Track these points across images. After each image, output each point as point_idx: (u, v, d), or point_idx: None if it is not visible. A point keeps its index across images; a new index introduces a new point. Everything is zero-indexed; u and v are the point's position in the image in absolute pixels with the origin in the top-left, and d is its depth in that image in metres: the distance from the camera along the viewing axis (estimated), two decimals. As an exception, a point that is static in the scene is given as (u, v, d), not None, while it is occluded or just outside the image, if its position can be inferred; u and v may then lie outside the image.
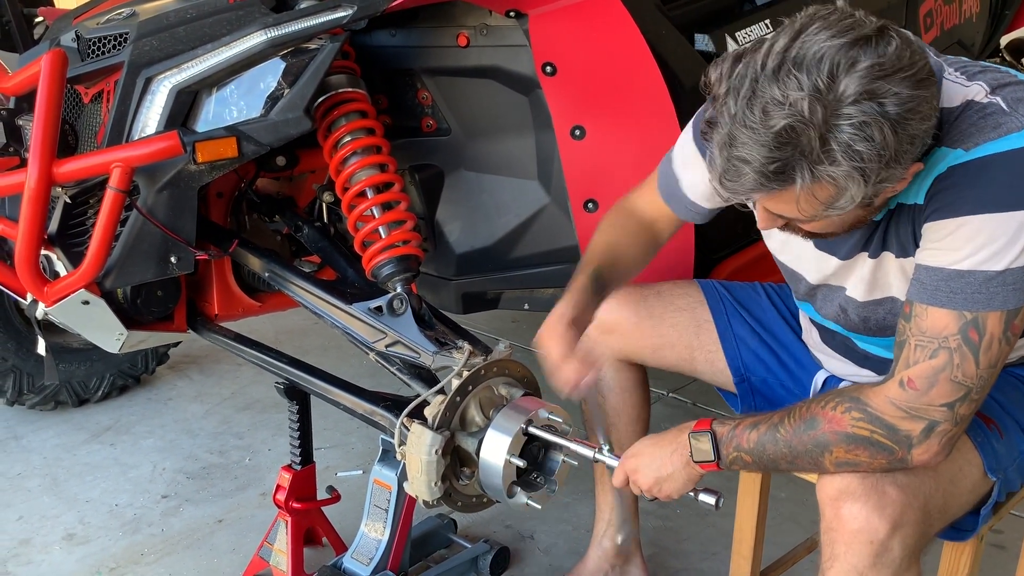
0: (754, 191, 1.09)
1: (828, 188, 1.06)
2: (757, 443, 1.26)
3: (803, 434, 1.23)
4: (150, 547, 2.12)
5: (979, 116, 1.14)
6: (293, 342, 3.06)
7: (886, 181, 1.08)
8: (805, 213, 1.11)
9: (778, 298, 1.68)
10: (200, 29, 1.72)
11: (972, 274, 1.13)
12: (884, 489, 1.19)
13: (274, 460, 2.45)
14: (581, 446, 1.47)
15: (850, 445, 1.20)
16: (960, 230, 1.14)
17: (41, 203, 1.69)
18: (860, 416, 1.19)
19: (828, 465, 1.22)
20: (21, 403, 2.61)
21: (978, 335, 1.14)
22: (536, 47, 1.76)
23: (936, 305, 1.16)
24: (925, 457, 1.18)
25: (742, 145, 1.05)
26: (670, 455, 1.32)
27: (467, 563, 1.97)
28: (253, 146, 1.69)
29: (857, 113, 1.01)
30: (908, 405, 1.17)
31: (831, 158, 1.03)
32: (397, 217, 1.79)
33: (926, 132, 1.08)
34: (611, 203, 1.85)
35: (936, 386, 1.16)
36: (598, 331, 1.71)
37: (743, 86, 1.05)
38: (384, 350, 1.74)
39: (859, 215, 1.20)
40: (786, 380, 1.62)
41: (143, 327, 1.95)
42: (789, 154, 1.04)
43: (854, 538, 1.20)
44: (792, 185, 1.06)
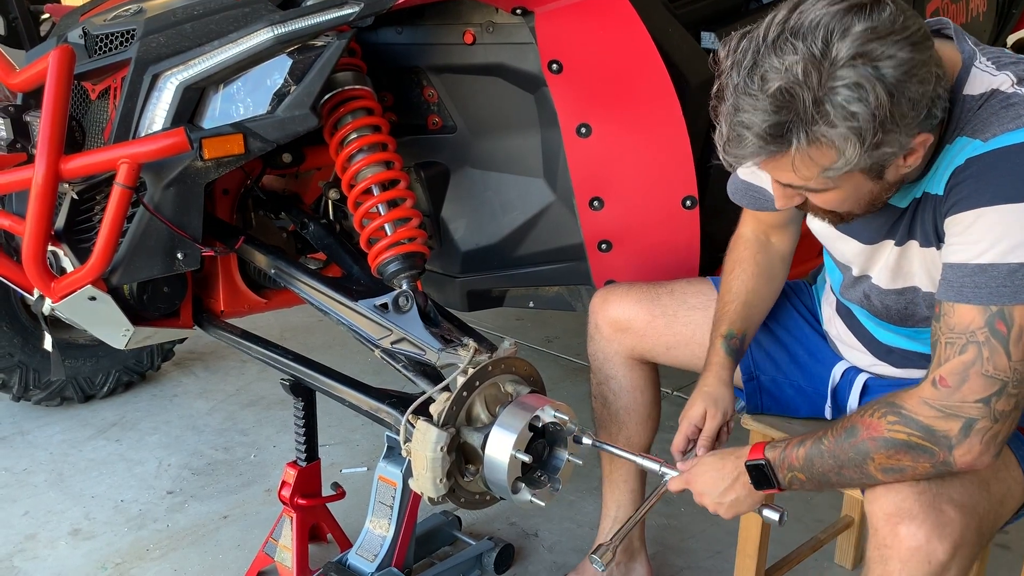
0: (755, 155, 1.12)
1: (825, 150, 1.09)
2: (806, 459, 1.26)
3: (844, 443, 1.22)
4: (155, 543, 2.13)
5: (1001, 106, 1.14)
6: (298, 339, 3.07)
7: (885, 146, 1.09)
8: (803, 177, 1.13)
9: (793, 294, 1.69)
10: (207, 26, 1.72)
11: (995, 267, 1.12)
12: (942, 508, 1.17)
13: (279, 456, 2.45)
14: (646, 460, 1.49)
15: (890, 450, 1.18)
16: (978, 222, 1.13)
17: (48, 199, 1.69)
18: (895, 419, 1.18)
19: (874, 473, 1.21)
20: (27, 399, 2.62)
21: (1006, 327, 1.12)
22: (542, 45, 1.76)
23: (962, 301, 1.15)
24: (969, 458, 1.15)
25: (743, 112, 1.09)
26: (732, 483, 1.34)
27: (471, 560, 1.97)
28: (259, 143, 1.69)
29: (851, 75, 1.04)
30: (941, 404, 1.15)
31: (826, 119, 1.05)
32: (403, 214, 1.79)
33: (926, 97, 1.09)
34: (616, 200, 1.86)
35: (968, 381, 1.14)
36: (612, 329, 1.71)
37: (745, 58, 1.09)
38: (389, 347, 1.74)
39: (872, 190, 1.19)
40: (798, 379, 1.62)
41: (149, 323, 1.95)
42: (786, 117, 1.07)
43: (912, 557, 1.18)
44: (789, 148, 1.09)
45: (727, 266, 1.61)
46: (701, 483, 1.37)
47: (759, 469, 1.29)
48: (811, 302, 1.68)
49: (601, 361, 1.75)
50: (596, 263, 1.93)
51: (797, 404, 1.64)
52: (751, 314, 1.57)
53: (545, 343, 3.18)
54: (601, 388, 1.77)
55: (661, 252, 1.91)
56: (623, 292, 1.72)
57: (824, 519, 2.14)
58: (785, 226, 1.60)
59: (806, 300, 1.68)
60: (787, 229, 1.60)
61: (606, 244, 1.90)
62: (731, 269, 1.60)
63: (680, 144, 1.82)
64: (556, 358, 3.06)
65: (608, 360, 1.74)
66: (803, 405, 1.64)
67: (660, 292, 1.70)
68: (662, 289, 1.70)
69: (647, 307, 1.68)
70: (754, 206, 1.57)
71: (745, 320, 1.56)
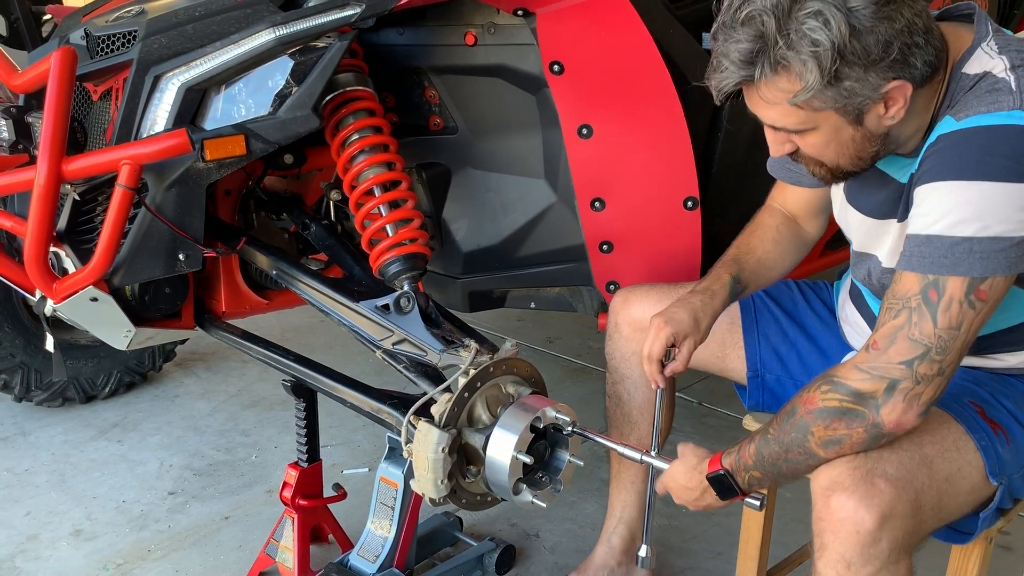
0: (728, 79, 1.18)
1: (789, 76, 1.15)
2: (756, 454, 1.28)
3: (786, 424, 1.25)
4: (157, 543, 2.13)
5: (986, 90, 1.18)
6: (299, 340, 3.07)
7: (848, 79, 1.13)
8: (772, 103, 1.18)
9: (812, 293, 1.70)
10: (209, 27, 1.72)
11: (940, 239, 1.16)
12: (873, 481, 1.20)
13: (280, 457, 2.45)
14: (627, 448, 1.48)
15: (825, 420, 1.21)
16: (932, 195, 1.18)
17: (50, 200, 1.70)
18: (828, 388, 1.22)
19: (815, 449, 1.23)
20: (29, 399, 2.62)
21: (937, 295, 1.16)
22: (543, 46, 1.76)
23: (908, 269, 1.19)
24: (894, 416, 1.19)
25: (724, 42, 1.18)
26: (701, 494, 1.36)
27: (473, 561, 1.97)
28: (261, 144, 1.69)
29: (815, 4, 1.11)
30: (869, 366, 1.19)
31: (789, 44, 1.13)
32: (404, 215, 1.79)
33: (897, 39, 1.13)
34: (618, 201, 1.86)
35: (895, 344, 1.18)
36: (631, 329, 1.72)
37: (734, 1, 1.18)
38: (391, 348, 1.74)
39: (854, 137, 1.22)
40: (803, 379, 1.62)
41: (151, 324, 1.96)
42: (756, 45, 1.15)
43: (840, 526, 1.21)
44: (756, 73, 1.16)
45: (748, 227, 1.64)
46: (674, 491, 1.40)
47: (719, 480, 1.32)
48: (830, 300, 1.69)
49: (618, 360, 1.76)
50: (597, 264, 1.93)
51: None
52: (760, 273, 1.60)
53: (546, 344, 3.18)
54: (616, 387, 1.77)
55: (662, 253, 1.91)
56: (644, 292, 1.73)
57: None
58: (814, 215, 1.62)
59: (825, 298, 1.69)
60: (816, 219, 1.63)
61: (607, 245, 1.90)
62: (752, 230, 1.63)
63: (681, 145, 1.82)
64: (557, 359, 3.07)
65: (625, 360, 1.75)
66: None
67: (681, 293, 1.70)
68: (683, 290, 1.70)
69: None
70: (788, 179, 1.60)
71: (753, 275, 1.58)
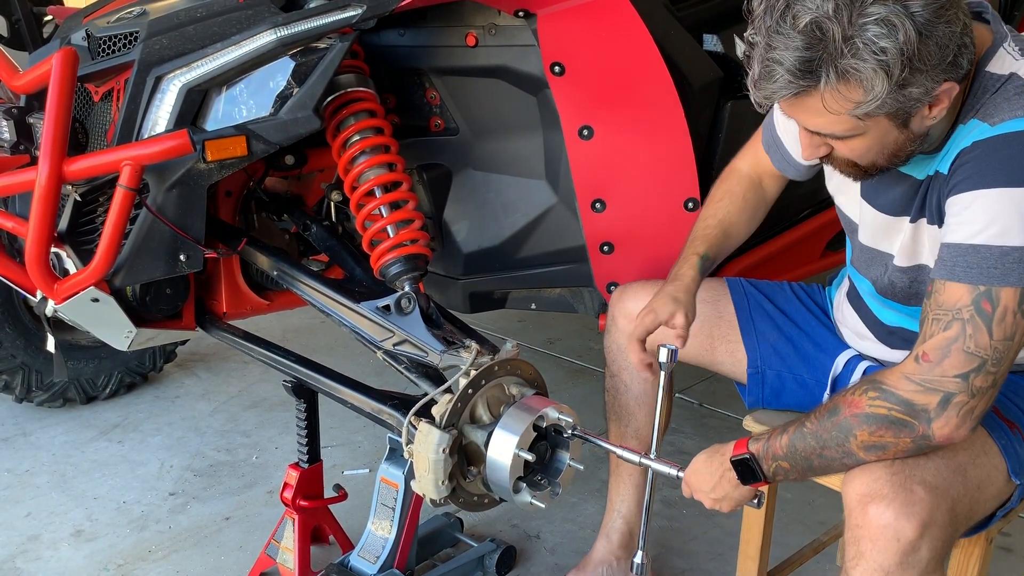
0: (785, 90, 1.13)
1: (853, 85, 1.10)
2: (788, 445, 1.27)
3: (827, 422, 1.23)
4: (157, 544, 2.13)
5: (1015, 92, 1.17)
6: (300, 340, 3.07)
7: (912, 86, 1.11)
8: (834, 112, 1.14)
9: (805, 294, 1.71)
10: (210, 28, 1.72)
11: (988, 248, 1.14)
12: (912, 489, 1.19)
13: (281, 458, 2.45)
14: (628, 452, 1.48)
15: (871, 426, 1.20)
16: (976, 203, 1.15)
17: (51, 201, 1.70)
18: (876, 395, 1.20)
19: (856, 451, 1.22)
20: (30, 400, 2.63)
21: (991, 306, 1.14)
22: (545, 47, 1.76)
23: (953, 280, 1.17)
24: (947, 431, 1.17)
25: (775, 49, 1.11)
26: (720, 479, 1.34)
27: (473, 562, 1.97)
28: (262, 145, 1.69)
29: (881, 11, 1.07)
30: (922, 378, 1.17)
31: (856, 54, 1.08)
32: (405, 216, 1.80)
33: (953, 40, 1.11)
34: (618, 202, 1.86)
35: (949, 357, 1.16)
36: (627, 321, 1.73)
37: (778, 2, 1.12)
38: (392, 349, 1.74)
39: (897, 139, 1.20)
40: (801, 372, 1.64)
41: (152, 325, 1.96)
42: (816, 53, 1.09)
43: (881, 535, 1.19)
44: (819, 83, 1.11)
45: (716, 193, 1.65)
46: (694, 482, 1.39)
47: (744, 463, 1.31)
48: (823, 302, 1.70)
49: (615, 352, 1.78)
50: (598, 265, 1.93)
51: (799, 399, 1.65)
52: (727, 244, 1.62)
53: (547, 345, 3.18)
54: (614, 380, 1.79)
55: (663, 254, 1.91)
56: (640, 287, 1.75)
57: (826, 521, 2.13)
58: (779, 176, 1.63)
59: (818, 299, 1.71)
60: (780, 179, 1.64)
61: (608, 246, 1.90)
62: (720, 197, 1.64)
63: (682, 146, 1.82)
64: (558, 360, 3.07)
65: (622, 352, 1.76)
66: (805, 399, 1.64)
67: None
68: None
69: None
70: (777, 164, 1.60)
71: (720, 247, 1.60)
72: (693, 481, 1.39)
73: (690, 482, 1.39)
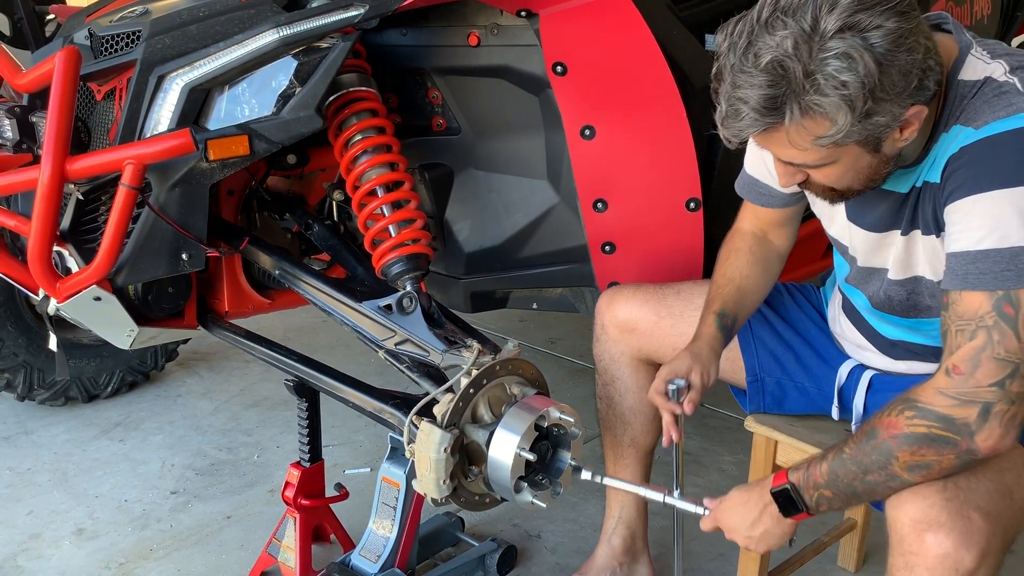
0: (751, 127, 1.15)
1: (818, 119, 1.12)
2: (830, 473, 1.25)
3: (866, 446, 1.21)
4: (159, 543, 2.13)
5: (994, 94, 1.17)
6: (301, 340, 3.07)
7: (877, 115, 1.12)
8: (800, 147, 1.16)
9: (802, 297, 1.70)
10: (212, 27, 1.73)
11: (997, 252, 1.14)
12: (970, 517, 1.17)
13: (282, 457, 2.46)
14: (650, 491, 1.47)
15: (912, 446, 1.18)
16: (976, 209, 1.16)
17: (54, 200, 1.70)
18: (913, 414, 1.18)
19: (900, 472, 1.20)
20: (32, 398, 2.63)
21: (1013, 309, 1.14)
22: (547, 47, 1.76)
23: (968, 288, 1.16)
24: (991, 442, 1.15)
25: (739, 88, 1.14)
26: (760, 514, 1.31)
27: (474, 561, 1.98)
28: (264, 144, 1.69)
29: (840, 46, 1.08)
30: (957, 391, 1.16)
31: (818, 89, 1.09)
32: (407, 216, 1.80)
33: (916, 66, 1.12)
34: (620, 202, 1.87)
35: (981, 367, 1.14)
36: (618, 331, 1.72)
37: (741, 39, 1.14)
38: (393, 348, 1.74)
39: (871, 163, 1.21)
40: (802, 380, 1.63)
41: (154, 324, 1.96)
42: (779, 90, 1.11)
43: (939, 564, 1.17)
44: (783, 119, 1.12)
45: (722, 255, 1.63)
46: (729, 519, 1.35)
47: (785, 494, 1.28)
48: (819, 303, 1.69)
49: (607, 362, 1.76)
50: (600, 265, 1.93)
51: (800, 406, 1.64)
52: (744, 299, 1.58)
53: (548, 344, 3.18)
54: (607, 389, 1.77)
55: (665, 254, 1.91)
56: (629, 293, 1.73)
57: (827, 521, 2.13)
58: (783, 225, 1.61)
59: (814, 301, 1.69)
60: (785, 229, 1.62)
61: (610, 246, 1.90)
62: (726, 257, 1.62)
63: (684, 146, 1.82)
64: (559, 359, 3.07)
65: (614, 361, 1.74)
66: (806, 407, 1.64)
67: (667, 293, 1.70)
68: (669, 290, 1.71)
69: (654, 308, 1.69)
70: (758, 201, 1.59)
71: (738, 304, 1.56)
72: (727, 520, 1.35)
73: (724, 521, 1.36)
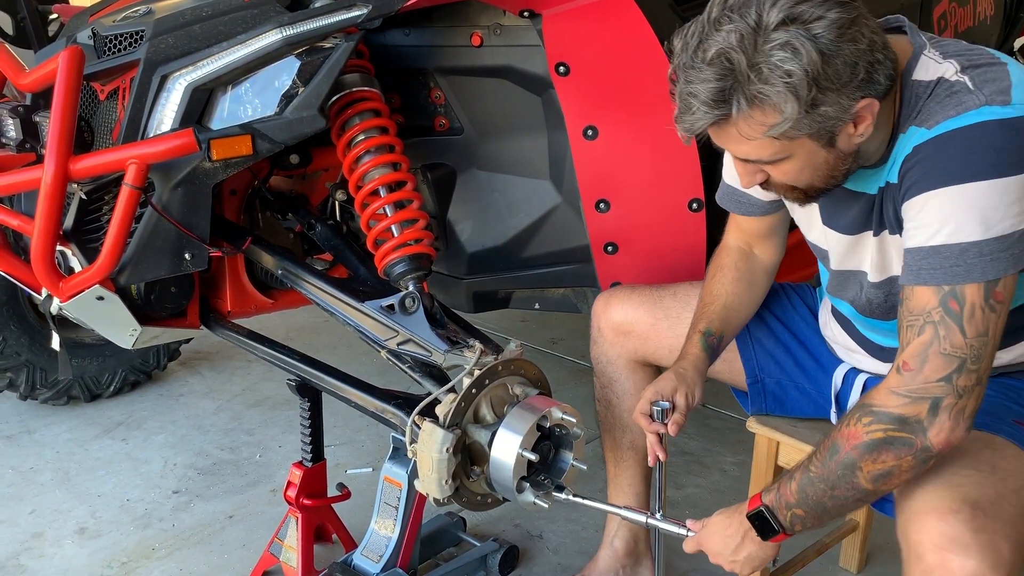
0: (701, 120, 1.17)
1: (765, 109, 1.14)
2: (799, 491, 1.25)
3: (830, 462, 1.22)
4: (161, 542, 2.13)
5: (946, 94, 1.19)
6: (303, 339, 3.08)
7: (824, 105, 1.13)
8: (749, 138, 1.17)
9: (797, 297, 1.69)
10: (216, 27, 1.73)
11: (947, 247, 1.16)
12: (998, 546, 1.15)
13: (284, 457, 2.46)
14: (633, 512, 1.48)
15: (873, 453, 1.18)
16: (927, 205, 1.17)
17: (57, 199, 1.70)
18: (870, 420, 1.19)
19: (865, 484, 1.20)
20: (34, 398, 2.63)
21: (958, 305, 1.15)
22: (549, 47, 1.76)
23: (919, 283, 1.18)
24: (943, 436, 1.16)
25: (690, 83, 1.16)
26: (743, 540, 1.32)
27: (476, 561, 1.98)
28: (267, 144, 1.70)
29: (783, 36, 1.11)
30: (907, 389, 1.17)
31: (763, 79, 1.12)
32: (409, 216, 1.80)
33: (863, 58, 1.14)
34: (623, 203, 1.86)
35: (928, 362, 1.16)
36: (614, 333, 1.71)
37: (692, 39, 1.17)
38: (396, 348, 1.74)
39: (827, 159, 1.22)
40: (802, 382, 1.63)
41: (157, 323, 1.96)
42: (727, 83, 1.14)
43: None
44: (732, 111, 1.15)
45: (709, 272, 1.64)
46: (712, 544, 1.36)
47: (760, 517, 1.29)
48: (814, 304, 1.69)
49: (604, 364, 1.75)
50: (602, 265, 1.93)
51: (802, 406, 1.64)
52: (730, 316, 1.58)
53: (550, 344, 3.18)
54: (605, 391, 1.77)
55: (667, 255, 1.91)
56: (625, 295, 1.73)
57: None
58: (769, 237, 1.61)
59: (810, 302, 1.69)
60: (771, 240, 1.62)
61: (612, 246, 1.90)
62: (712, 274, 1.63)
63: (686, 147, 1.82)
64: (561, 360, 3.07)
65: (611, 363, 1.74)
66: (808, 407, 1.64)
67: (663, 295, 1.70)
68: (665, 292, 1.71)
69: (650, 310, 1.69)
70: (739, 211, 1.59)
71: (723, 321, 1.57)
72: (710, 544, 1.36)
73: (707, 546, 1.37)
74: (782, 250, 1.64)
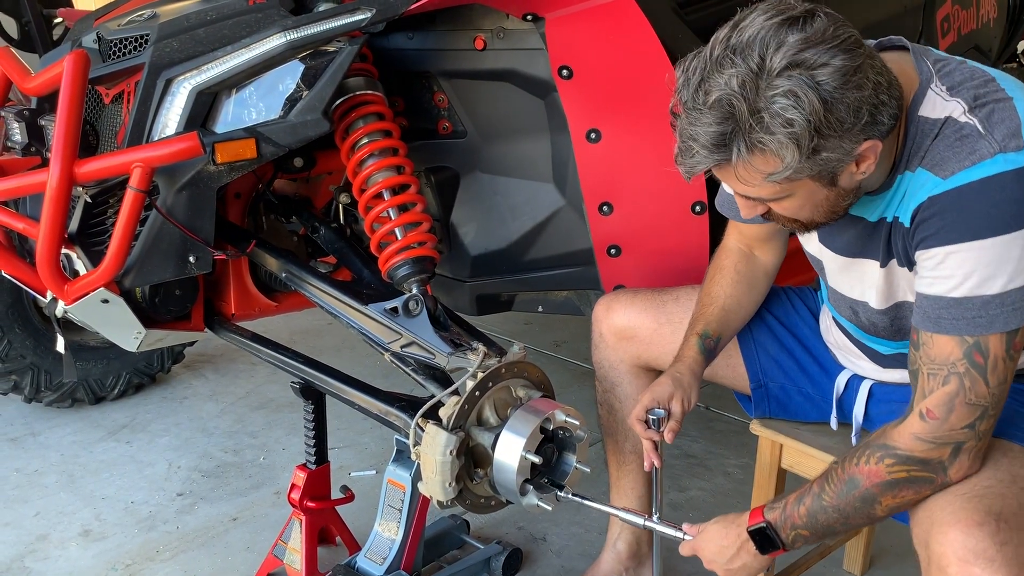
0: (701, 164, 1.17)
1: (766, 157, 1.13)
2: (808, 516, 1.29)
3: (847, 495, 1.26)
4: (165, 544, 2.14)
5: (956, 138, 1.18)
6: (307, 342, 3.08)
7: (826, 151, 1.12)
8: (749, 183, 1.17)
9: (799, 300, 1.69)
10: (220, 31, 1.74)
11: (970, 300, 1.17)
12: (1018, 552, 1.16)
13: (288, 459, 2.46)
14: (631, 514, 1.49)
15: (894, 491, 1.23)
16: (949, 259, 1.18)
17: (62, 202, 1.71)
18: (893, 461, 1.23)
19: (881, 513, 1.26)
20: (39, 400, 2.64)
21: (983, 357, 1.18)
22: (553, 50, 1.76)
23: (941, 332, 1.20)
24: (962, 474, 1.22)
25: (691, 125, 1.15)
26: (738, 551, 1.35)
27: (480, 564, 1.98)
28: (272, 147, 1.70)
29: (786, 84, 1.09)
30: (932, 436, 1.20)
31: (764, 127, 1.10)
32: (413, 219, 1.80)
33: (866, 102, 1.12)
34: (626, 205, 1.87)
35: (954, 411, 1.19)
36: (616, 338, 1.71)
37: (694, 76, 1.15)
38: (399, 351, 1.75)
39: (828, 196, 1.22)
40: (805, 386, 1.63)
41: (161, 326, 1.97)
42: (727, 127, 1.12)
43: None
44: (731, 156, 1.14)
45: (708, 273, 1.64)
46: (708, 551, 1.38)
47: (761, 533, 1.32)
48: (816, 307, 1.69)
49: (606, 369, 1.75)
50: (605, 268, 1.93)
51: (806, 410, 1.64)
52: (728, 319, 1.59)
53: (554, 347, 3.19)
54: (607, 396, 1.77)
55: (670, 257, 1.91)
56: (627, 300, 1.72)
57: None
58: (769, 240, 1.61)
59: (811, 305, 1.69)
60: (771, 243, 1.62)
61: (615, 249, 1.90)
62: (711, 276, 1.63)
63: (689, 150, 1.82)
64: (564, 362, 3.07)
65: (613, 368, 1.74)
66: (811, 411, 1.64)
67: (666, 299, 1.70)
68: (667, 296, 1.71)
69: (652, 315, 1.68)
70: (739, 217, 1.59)
71: (721, 323, 1.57)
72: (706, 551, 1.38)
73: (703, 552, 1.39)
74: (783, 252, 1.64)
